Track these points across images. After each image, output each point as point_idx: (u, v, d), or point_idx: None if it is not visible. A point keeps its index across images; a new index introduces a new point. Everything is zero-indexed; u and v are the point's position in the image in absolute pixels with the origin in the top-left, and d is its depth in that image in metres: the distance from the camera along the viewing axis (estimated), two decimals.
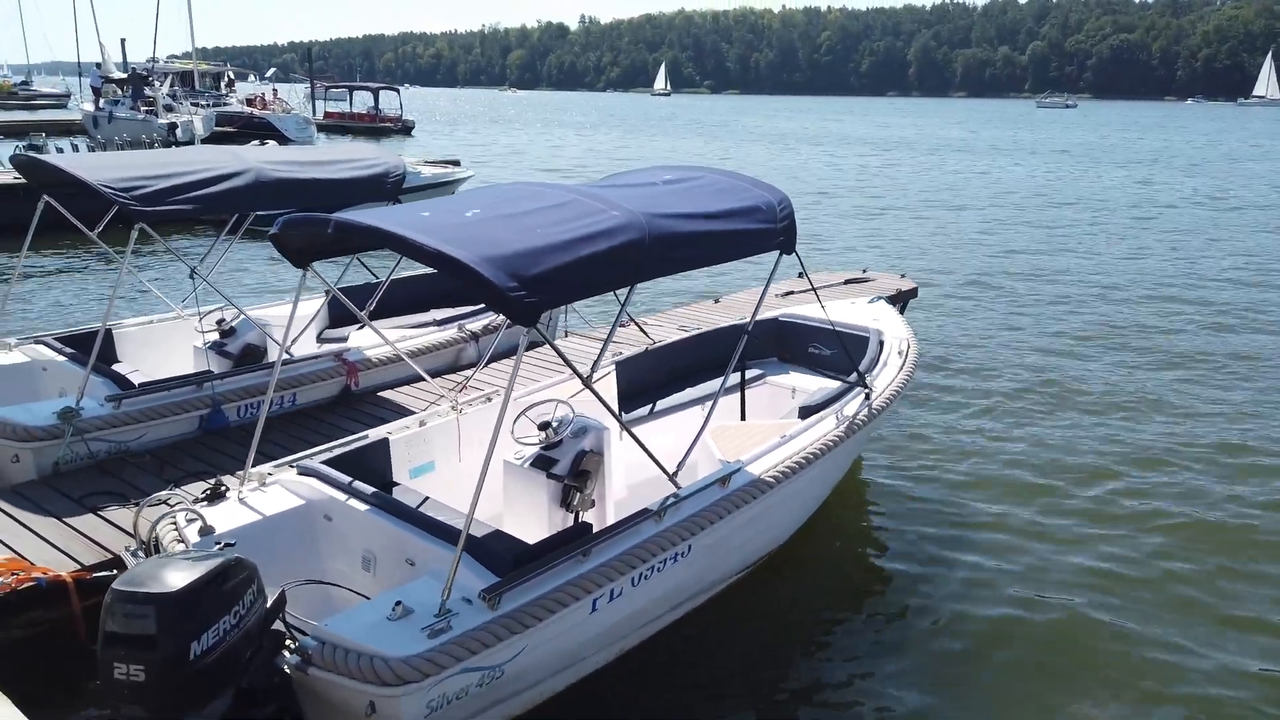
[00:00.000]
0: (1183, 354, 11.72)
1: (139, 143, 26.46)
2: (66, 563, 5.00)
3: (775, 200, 5.82)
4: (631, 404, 6.96)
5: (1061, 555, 6.66)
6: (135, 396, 6.58)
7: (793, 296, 10.57)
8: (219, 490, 5.01)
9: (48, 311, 13.20)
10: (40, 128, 37.36)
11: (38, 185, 7.13)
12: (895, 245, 19.83)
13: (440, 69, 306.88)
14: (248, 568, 3.80)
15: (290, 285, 14.79)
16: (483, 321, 8.90)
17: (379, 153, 8.50)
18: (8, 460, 6.13)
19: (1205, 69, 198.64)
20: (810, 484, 6.10)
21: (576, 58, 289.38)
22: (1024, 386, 10.35)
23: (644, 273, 4.85)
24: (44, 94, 69.82)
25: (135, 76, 37.54)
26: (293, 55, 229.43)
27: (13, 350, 7.49)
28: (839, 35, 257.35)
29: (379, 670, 3.63)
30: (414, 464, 5.87)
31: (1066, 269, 17.30)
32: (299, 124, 39.92)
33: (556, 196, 4.92)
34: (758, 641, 5.61)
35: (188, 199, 6.68)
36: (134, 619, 3.47)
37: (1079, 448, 8.58)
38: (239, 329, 7.76)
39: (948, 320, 13.30)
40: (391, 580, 4.57)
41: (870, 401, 6.57)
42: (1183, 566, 6.53)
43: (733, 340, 7.49)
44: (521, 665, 4.13)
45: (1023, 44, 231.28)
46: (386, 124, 51.95)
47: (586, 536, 4.50)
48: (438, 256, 3.99)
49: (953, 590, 6.19)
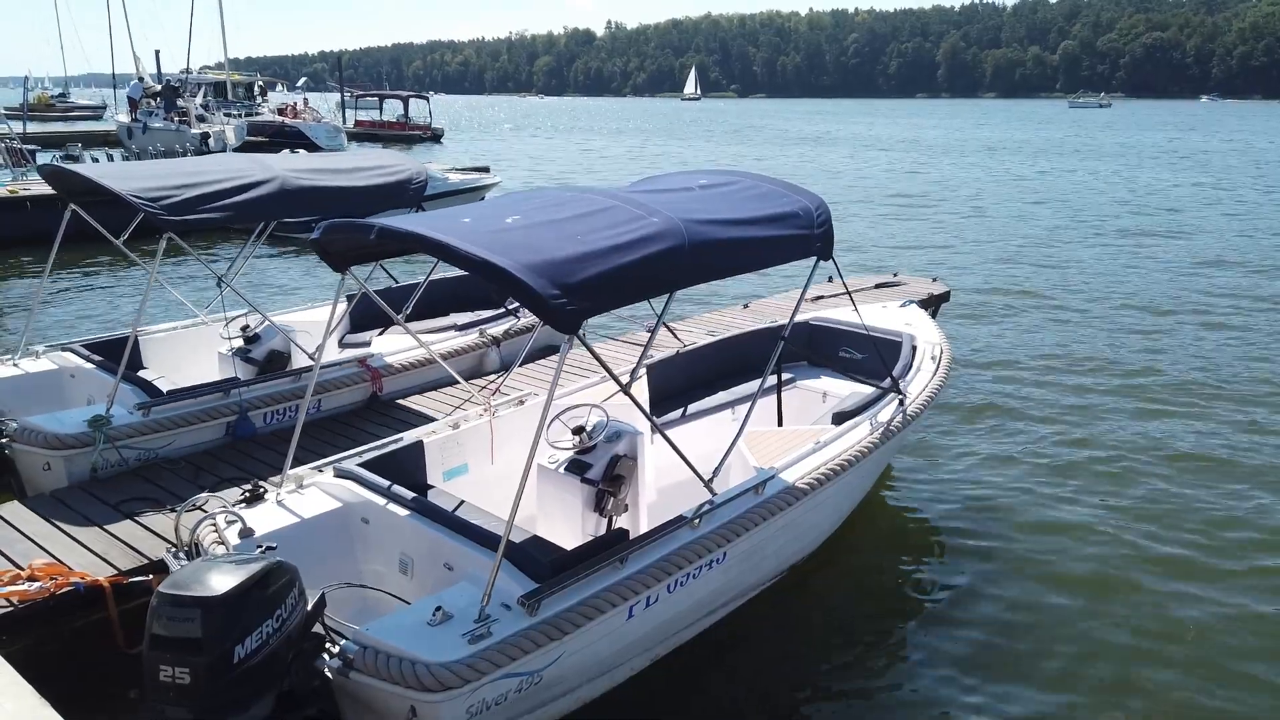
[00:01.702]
0: (1221, 363, 11.51)
1: (172, 152, 26.90)
2: (103, 568, 5.06)
3: (813, 206, 5.79)
4: (663, 407, 6.95)
5: (1093, 560, 6.56)
6: (164, 404, 6.64)
7: (823, 300, 10.50)
8: (258, 492, 5.06)
9: (74, 319, 13.40)
10: (76, 139, 38.05)
11: (65, 194, 7.22)
12: (926, 248, 19.67)
13: (468, 76, 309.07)
14: (289, 571, 3.83)
15: (310, 291, 14.97)
16: (503, 325, 8.92)
17: (401, 160, 8.55)
18: (39, 468, 6.21)
19: (1241, 66, 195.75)
20: (844, 490, 6.06)
21: (603, 63, 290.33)
22: (1058, 390, 10.21)
23: (683, 280, 4.85)
24: (80, 106, 71.08)
25: (168, 88, 38.15)
26: (323, 64, 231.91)
27: (41, 358, 7.57)
28: (867, 37, 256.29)
29: (420, 675, 3.64)
30: (447, 466, 5.89)
31: (1105, 272, 17.07)
32: (329, 132, 40.36)
33: (596, 202, 4.92)
34: (792, 647, 5.57)
35: (214, 208, 6.75)
36: (180, 622, 3.50)
37: (1114, 450, 8.45)
38: (263, 335, 7.81)
39: (980, 324, 13.16)
40: (429, 584, 4.59)
41: (904, 407, 6.51)
42: (1236, 578, 6.37)
43: (764, 344, 7.46)
44: (559, 671, 4.13)
45: (1054, 43, 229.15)
46: (416, 131, 52.38)
47: (623, 543, 4.50)
48: (481, 264, 4.01)
49: (986, 595, 6.12)
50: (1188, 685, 5.27)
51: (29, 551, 5.17)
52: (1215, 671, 5.38)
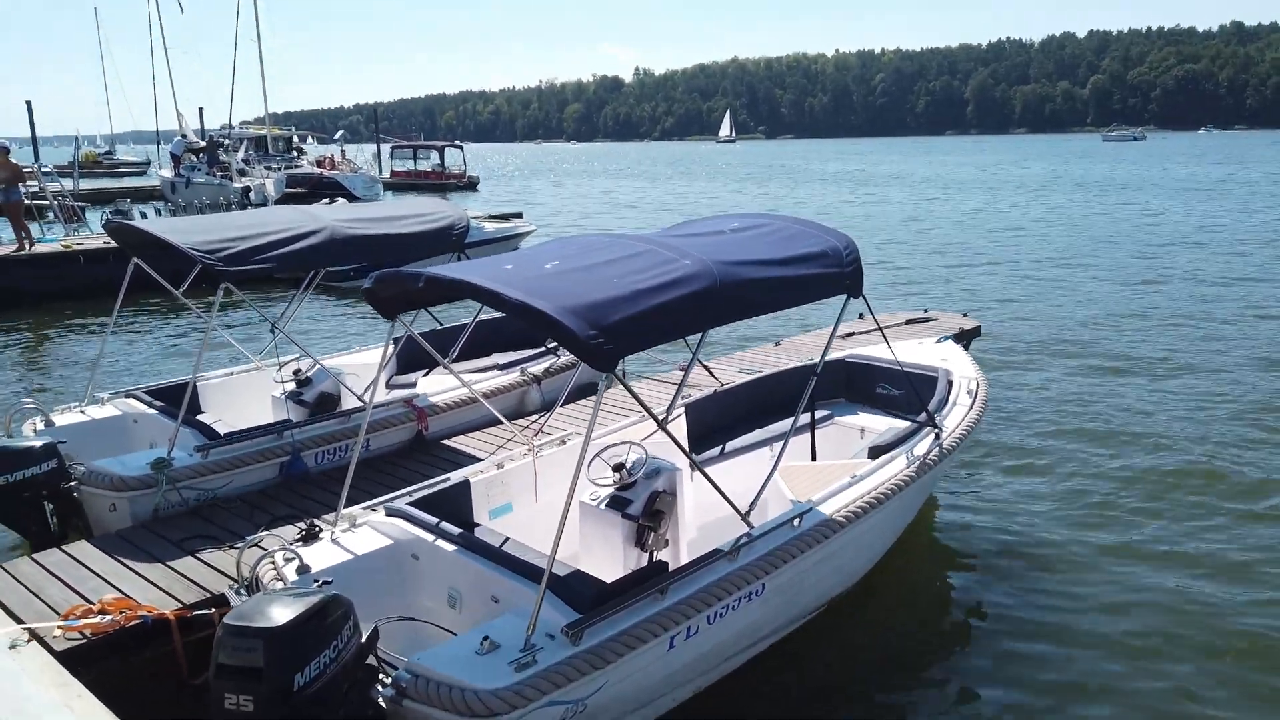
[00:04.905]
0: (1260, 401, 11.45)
1: (217, 205, 27.68)
2: (168, 602, 5.27)
3: (841, 245, 5.97)
4: (701, 445, 7.08)
5: (1140, 595, 6.55)
6: (221, 446, 6.91)
7: (855, 337, 10.62)
8: (313, 531, 5.27)
9: (135, 367, 13.89)
10: (124, 195, 39.24)
11: (128, 248, 7.64)
12: (958, 285, 19.73)
13: (499, 124, 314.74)
14: (344, 604, 4.01)
15: (356, 337, 15.37)
16: (544, 364, 9.14)
17: (444, 206, 8.86)
18: (106, 509, 6.50)
19: (1276, 95, 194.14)
20: (881, 524, 6.14)
21: (632, 109, 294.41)
22: (1097, 422, 10.21)
23: (716, 319, 5.03)
24: (126, 162, 73.40)
25: (211, 143, 39.30)
26: (358, 116, 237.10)
27: (106, 405, 7.93)
28: (893, 77, 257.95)
29: (469, 702, 3.79)
30: (493, 505, 6.08)
31: (1142, 308, 17.03)
32: (366, 183, 41.19)
33: (630, 247, 5.14)
34: (833, 681, 5.64)
35: (268, 257, 7.09)
36: (243, 652, 3.69)
37: (1156, 483, 8.45)
38: (314, 379, 8.09)
39: (1013, 358, 13.18)
40: (477, 617, 4.75)
41: (941, 441, 6.60)
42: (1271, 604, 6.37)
43: (800, 381, 7.58)
44: (603, 700, 4.25)
45: (1083, 78, 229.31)
46: (452, 180, 53.42)
47: (663, 575, 4.64)
48: (522, 308, 4.25)
49: (1027, 631, 6.15)
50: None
51: (98, 588, 5.41)
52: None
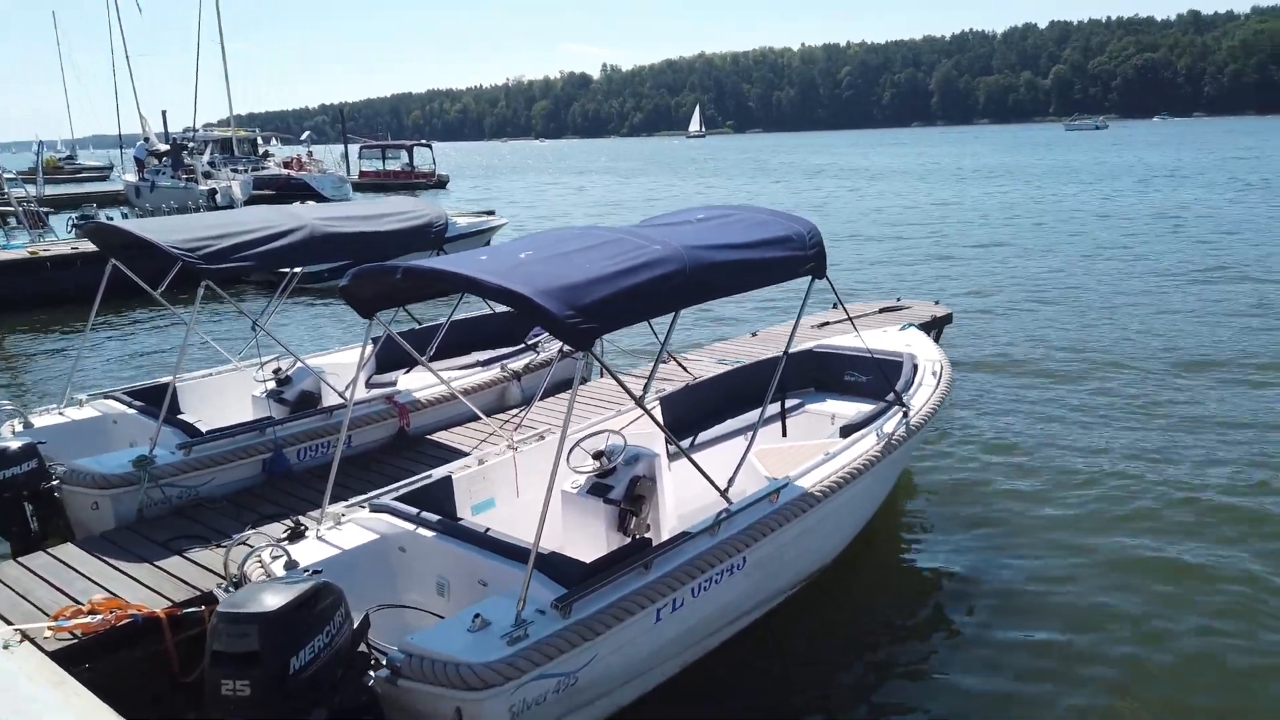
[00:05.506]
0: (1222, 369, 11.75)
1: (184, 208, 27.44)
2: (158, 601, 5.31)
3: (805, 229, 6.16)
4: (676, 437, 7.21)
5: (1108, 570, 6.74)
6: (203, 443, 6.93)
7: (828, 328, 10.81)
8: (299, 529, 5.34)
9: (114, 369, 13.83)
10: (88, 199, 38.78)
11: (105, 250, 7.62)
12: (933, 273, 20.02)
13: (466, 123, 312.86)
14: (335, 591, 4.08)
15: (336, 338, 15.37)
16: (524, 360, 9.23)
17: (422, 205, 8.92)
18: (88, 508, 6.49)
19: (1234, 83, 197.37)
20: (855, 499, 6.32)
21: (600, 105, 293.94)
22: (1064, 406, 10.46)
23: (686, 299, 5.22)
24: (88, 167, 72.24)
25: (175, 146, 38.93)
26: (324, 117, 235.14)
27: (85, 406, 7.89)
28: (859, 69, 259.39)
29: (465, 676, 3.89)
30: (475, 500, 6.17)
31: (1106, 291, 17.38)
32: (335, 183, 40.96)
33: (601, 236, 5.33)
34: (813, 658, 5.79)
35: (249, 255, 7.12)
36: (238, 638, 3.76)
37: (1119, 460, 8.69)
38: (294, 377, 8.13)
39: (985, 344, 13.42)
40: (465, 601, 4.84)
41: (908, 419, 6.79)
42: (1245, 581, 6.50)
43: (771, 371, 7.76)
44: (594, 673, 4.38)
45: (1045, 68, 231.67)
46: (421, 179, 53.23)
47: (647, 549, 4.77)
48: (500, 291, 4.39)
49: (998, 604, 6.34)
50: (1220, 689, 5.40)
51: (87, 589, 5.44)
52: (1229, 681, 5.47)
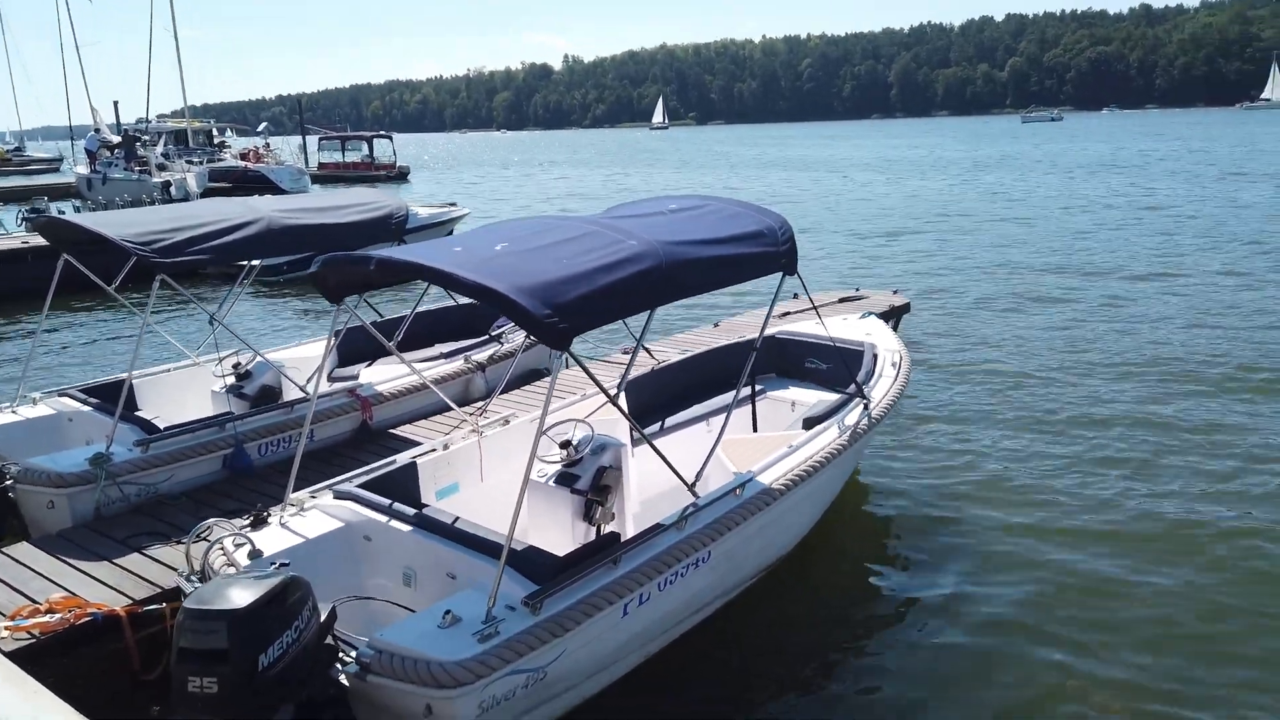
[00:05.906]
0: (1172, 360, 12.01)
1: (138, 201, 26.92)
2: (117, 599, 5.25)
3: (776, 225, 6.19)
4: (641, 423, 7.24)
5: (1055, 555, 6.88)
6: (162, 440, 6.83)
7: (790, 316, 10.89)
8: (261, 516, 5.30)
9: (69, 366, 13.56)
10: (39, 192, 37.89)
11: (57, 244, 7.46)
12: (890, 264, 20.23)
13: (427, 114, 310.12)
14: (303, 585, 4.07)
15: (294, 329, 15.21)
16: (487, 352, 9.21)
17: (382, 196, 8.84)
18: (44, 507, 6.37)
19: (1184, 76, 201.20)
20: (817, 490, 6.40)
21: (562, 96, 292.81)
22: (1016, 391, 10.65)
23: (662, 298, 5.22)
24: (37, 159, 70.49)
25: (127, 138, 38.16)
26: (281, 108, 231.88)
27: (39, 404, 7.74)
28: (820, 62, 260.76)
29: (435, 673, 3.90)
30: (440, 485, 6.17)
31: (1065, 280, 17.68)
32: (293, 175, 40.46)
33: (577, 228, 5.30)
34: (771, 647, 5.86)
35: (205, 248, 7.01)
36: (206, 634, 3.73)
37: (1069, 450, 8.87)
38: (254, 371, 8.02)
39: (941, 333, 13.61)
40: (433, 594, 4.85)
41: (869, 411, 6.89)
42: (1188, 574, 6.61)
43: (735, 358, 7.82)
44: (562, 668, 4.41)
45: (1001, 61, 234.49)
46: (381, 171, 52.65)
47: (615, 545, 4.80)
48: (477, 288, 4.36)
49: (950, 590, 6.45)
50: (1164, 675, 5.51)
51: (44, 588, 5.35)
52: (1199, 676, 5.54)
